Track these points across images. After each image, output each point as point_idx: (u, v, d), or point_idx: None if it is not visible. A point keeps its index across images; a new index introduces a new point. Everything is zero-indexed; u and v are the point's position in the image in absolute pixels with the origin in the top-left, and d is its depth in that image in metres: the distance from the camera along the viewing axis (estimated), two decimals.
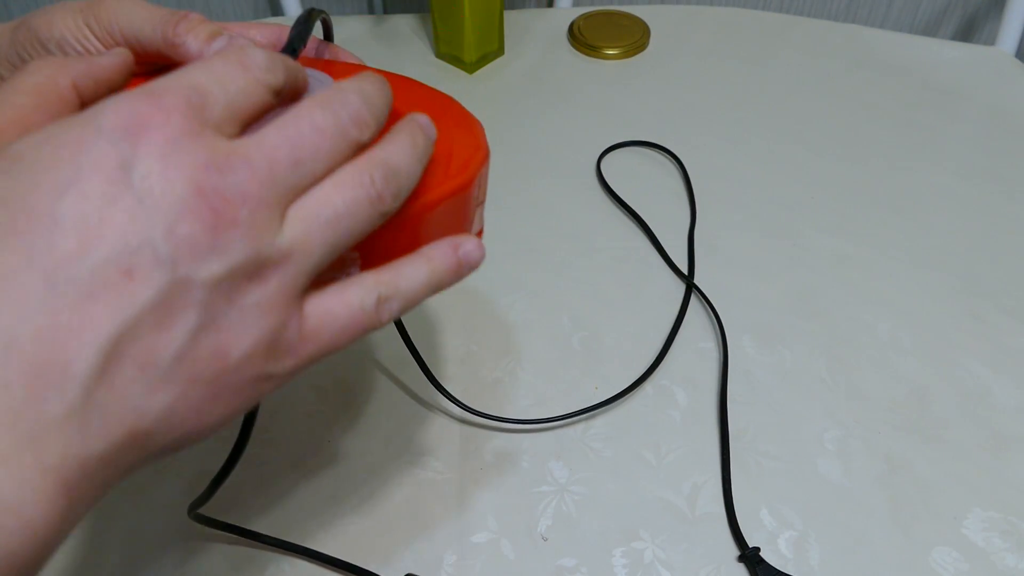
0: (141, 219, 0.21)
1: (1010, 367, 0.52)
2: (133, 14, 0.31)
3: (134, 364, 0.21)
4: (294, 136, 0.23)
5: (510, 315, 0.55)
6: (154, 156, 0.21)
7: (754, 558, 0.42)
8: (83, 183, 0.21)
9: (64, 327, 0.20)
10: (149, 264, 0.21)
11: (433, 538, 0.44)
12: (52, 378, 0.20)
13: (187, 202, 0.21)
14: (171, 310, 0.21)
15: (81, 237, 0.20)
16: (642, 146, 0.68)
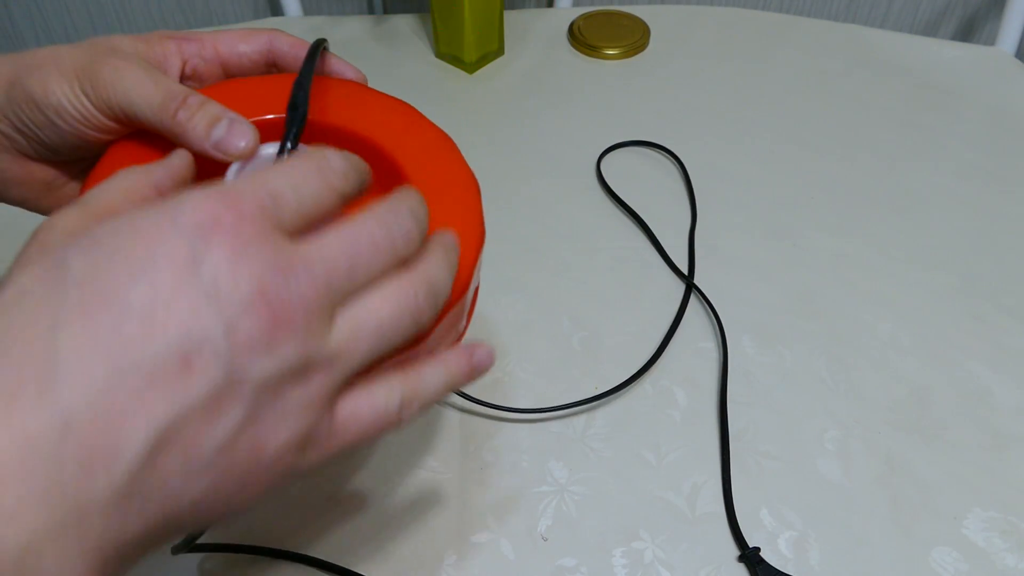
0: (205, 314, 0.22)
1: (1010, 367, 0.52)
2: (132, 92, 0.32)
3: (179, 452, 0.22)
4: (352, 248, 0.25)
5: (510, 315, 0.55)
6: (224, 256, 0.22)
7: (754, 558, 0.42)
8: (155, 273, 0.22)
9: (120, 411, 0.21)
10: (208, 358, 0.22)
11: (433, 538, 0.44)
12: (103, 460, 0.21)
13: (250, 302, 0.22)
14: (221, 403, 0.22)
15: (147, 325, 0.21)
16: (642, 146, 0.68)
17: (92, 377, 0.21)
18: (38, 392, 0.20)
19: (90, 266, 0.22)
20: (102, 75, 0.32)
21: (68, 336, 0.21)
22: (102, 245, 0.22)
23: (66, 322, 0.21)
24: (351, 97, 0.39)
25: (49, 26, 0.92)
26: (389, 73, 0.75)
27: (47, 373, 0.20)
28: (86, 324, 0.21)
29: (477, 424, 0.49)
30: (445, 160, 0.37)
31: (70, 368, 0.21)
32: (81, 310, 0.21)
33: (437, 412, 0.49)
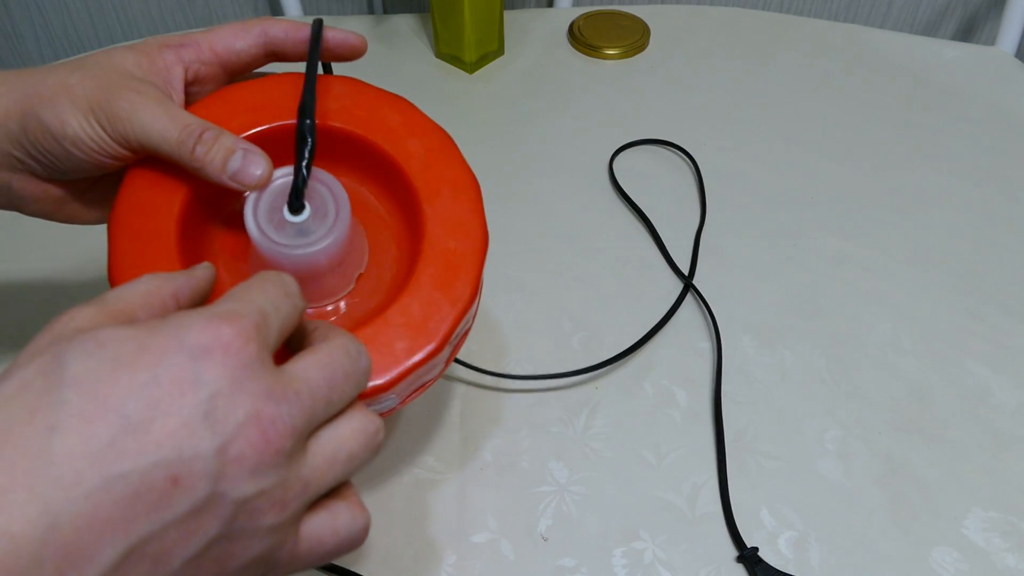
0: (200, 433, 0.23)
1: (1010, 367, 0.52)
2: (149, 128, 0.33)
3: (151, 560, 0.23)
4: (330, 378, 0.26)
5: (510, 315, 0.55)
6: (225, 379, 0.23)
7: (753, 558, 0.42)
8: (156, 388, 0.23)
9: (103, 520, 0.21)
10: (196, 476, 0.23)
11: (433, 538, 0.44)
12: (77, 563, 0.21)
13: (244, 426, 0.23)
14: (200, 519, 0.23)
15: (141, 440, 0.22)
16: (656, 145, 0.68)
17: (82, 484, 0.21)
18: (28, 492, 0.21)
19: (91, 371, 0.23)
20: (117, 109, 0.33)
21: (64, 441, 0.21)
22: (106, 350, 0.23)
23: (64, 427, 0.22)
24: (352, 97, 0.39)
25: (49, 26, 0.92)
26: (389, 73, 0.75)
27: (40, 474, 0.21)
28: (82, 431, 0.22)
29: (477, 424, 0.49)
30: (447, 163, 0.38)
31: (62, 472, 0.21)
32: (80, 416, 0.22)
33: (437, 412, 0.49)
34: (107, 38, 0.93)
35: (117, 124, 0.33)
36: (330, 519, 0.27)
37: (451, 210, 0.37)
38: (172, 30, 0.92)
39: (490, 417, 0.49)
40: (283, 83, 0.38)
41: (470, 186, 0.38)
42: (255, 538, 0.25)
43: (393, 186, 0.39)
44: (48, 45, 0.94)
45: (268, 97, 0.38)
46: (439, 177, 0.38)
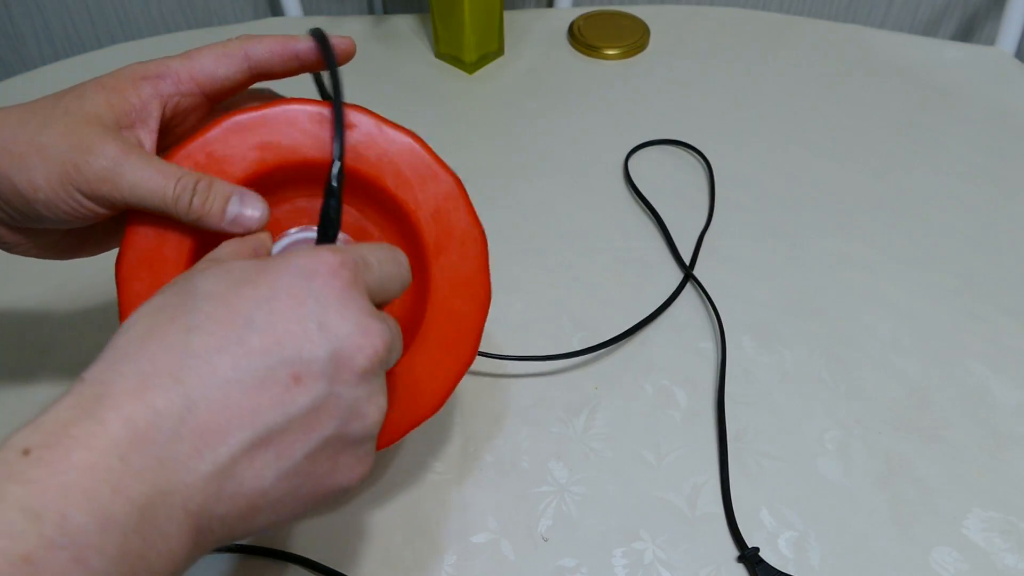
0: (315, 339, 0.26)
1: (1010, 367, 0.52)
2: (138, 187, 0.32)
3: (275, 452, 0.26)
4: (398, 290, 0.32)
5: (510, 315, 0.55)
6: (334, 296, 0.27)
7: (754, 558, 0.42)
8: (276, 302, 0.26)
9: (235, 406, 0.25)
10: (315, 375, 0.26)
11: (433, 538, 0.44)
12: (212, 443, 0.24)
13: (352, 336, 0.27)
14: (319, 416, 0.26)
15: (266, 340, 0.26)
16: (660, 144, 0.68)
17: (217, 374, 0.25)
18: (171, 378, 0.24)
19: (220, 287, 0.27)
20: (95, 171, 0.32)
21: (200, 338, 0.25)
22: (232, 272, 0.27)
23: (199, 327, 0.25)
24: (366, 133, 0.37)
25: (49, 26, 0.92)
26: (389, 73, 0.75)
27: (180, 364, 0.25)
28: (215, 331, 0.25)
29: (477, 424, 0.49)
30: (457, 214, 0.38)
31: (199, 363, 0.25)
32: (212, 320, 0.26)
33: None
34: (107, 38, 0.93)
35: (98, 187, 0.32)
36: None
37: (458, 267, 0.38)
38: (172, 30, 0.92)
39: (490, 417, 0.49)
40: (282, 121, 0.36)
41: (478, 240, 0.38)
42: (360, 436, 0.28)
43: (403, 231, 0.38)
44: (48, 45, 0.94)
45: (271, 135, 0.36)
46: (448, 231, 0.38)
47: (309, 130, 0.36)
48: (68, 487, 0.22)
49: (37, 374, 0.51)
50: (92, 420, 0.23)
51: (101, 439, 0.23)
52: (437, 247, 0.38)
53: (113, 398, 0.24)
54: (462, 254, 0.38)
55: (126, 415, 0.23)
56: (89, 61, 0.76)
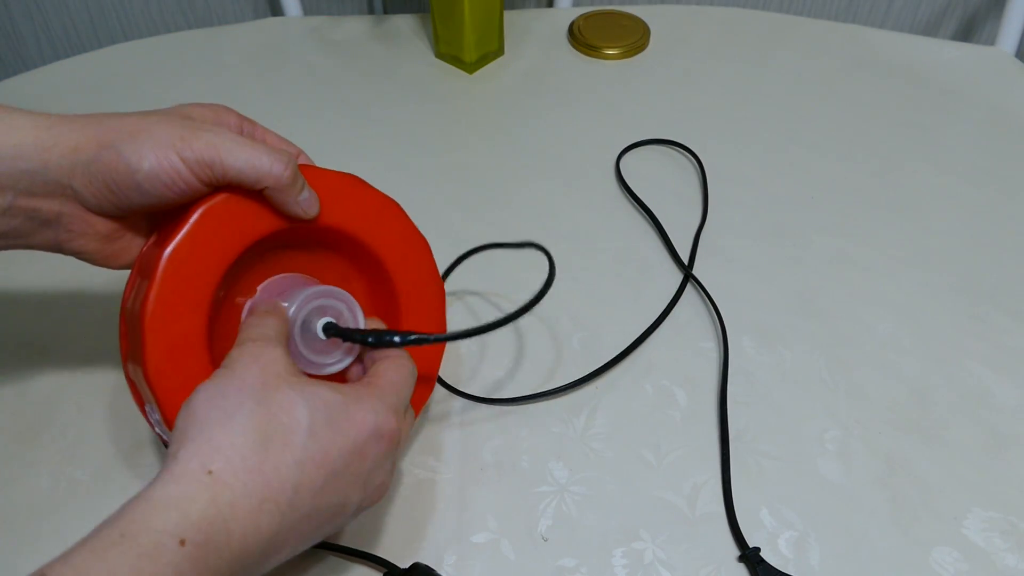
0: (358, 489, 0.36)
1: (1010, 367, 0.52)
2: (237, 152, 0.36)
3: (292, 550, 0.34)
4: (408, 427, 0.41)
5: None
6: (383, 457, 0.37)
7: (754, 558, 0.42)
8: (354, 460, 0.35)
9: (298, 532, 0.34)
10: (346, 511, 0.36)
11: (433, 538, 0.44)
12: (268, 560, 0.33)
13: (377, 487, 0.37)
14: (332, 525, 0.36)
15: (335, 488, 0.34)
16: (662, 144, 0.68)
17: (302, 509, 0.33)
18: (276, 507, 0.32)
19: (320, 426, 0.34)
20: (201, 140, 0.36)
21: (301, 477, 0.33)
22: (329, 412, 0.35)
23: (303, 466, 0.33)
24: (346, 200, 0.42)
25: (49, 26, 0.92)
26: (389, 73, 0.75)
27: (287, 499, 0.32)
28: (312, 473, 0.33)
29: (477, 424, 0.49)
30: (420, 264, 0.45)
31: (296, 499, 0.33)
32: (313, 464, 0.33)
33: (437, 412, 0.49)
34: (107, 38, 0.93)
35: (202, 153, 0.35)
36: None
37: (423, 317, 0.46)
38: (172, 31, 0.92)
39: (490, 417, 0.49)
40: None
41: (438, 286, 0.46)
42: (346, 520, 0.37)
43: (375, 283, 0.45)
44: (48, 45, 0.94)
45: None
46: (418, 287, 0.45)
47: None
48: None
49: (37, 373, 0.51)
50: (225, 531, 0.30)
51: (226, 551, 0.30)
52: (407, 300, 0.45)
53: (240, 512, 0.31)
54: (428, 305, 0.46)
55: (245, 533, 0.31)
56: (89, 61, 0.76)
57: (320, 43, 0.79)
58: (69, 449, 0.47)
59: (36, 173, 0.36)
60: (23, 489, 0.46)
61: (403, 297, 0.44)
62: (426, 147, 0.68)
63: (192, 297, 0.37)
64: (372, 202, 0.43)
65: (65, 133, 0.36)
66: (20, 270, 0.57)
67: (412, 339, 0.39)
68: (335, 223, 0.41)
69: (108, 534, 0.28)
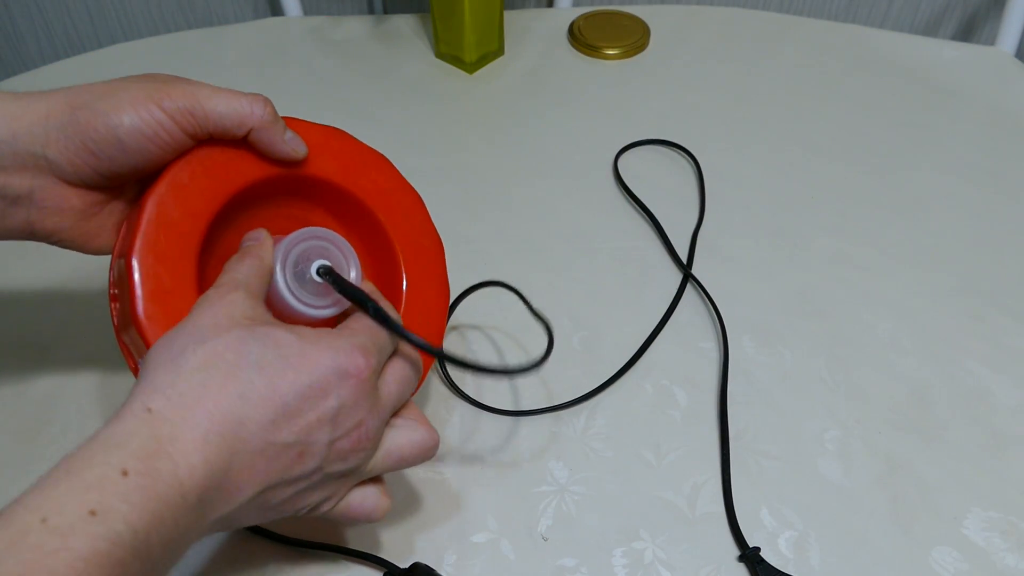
0: (325, 429, 0.33)
1: (1010, 367, 0.52)
2: (215, 98, 0.36)
3: (262, 499, 0.33)
4: (400, 393, 0.37)
5: (510, 315, 0.55)
6: (352, 397, 0.34)
7: (755, 558, 0.42)
8: (309, 391, 0.33)
9: (256, 470, 0.32)
10: (312, 455, 0.34)
11: (433, 538, 0.44)
12: (233, 494, 0.32)
13: (351, 429, 0.34)
14: (302, 482, 0.34)
15: (292, 423, 0.33)
16: (659, 144, 0.68)
17: (252, 444, 0.32)
18: (222, 439, 0.31)
19: (270, 362, 0.33)
20: (178, 89, 0.36)
21: (247, 410, 0.32)
22: (280, 349, 0.33)
23: (248, 399, 0.32)
24: (335, 150, 0.42)
25: (49, 26, 0.92)
26: (389, 73, 0.75)
27: (232, 431, 0.31)
28: (260, 406, 0.32)
29: (477, 424, 0.49)
30: (415, 217, 0.44)
31: (244, 433, 0.31)
32: (260, 397, 0.32)
33: (437, 412, 0.50)
34: (107, 38, 0.93)
35: (181, 102, 0.35)
36: (361, 496, 0.38)
37: (422, 267, 0.44)
38: (172, 30, 0.92)
39: (491, 417, 0.49)
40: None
41: (437, 245, 0.45)
42: (320, 493, 0.36)
43: (372, 244, 0.44)
44: (48, 45, 0.94)
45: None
46: (412, 235, 0.44)
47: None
48: (156, 516, 0.28)
49: (37, 373, 0.51)
50: (170, 461, 0.30)
51: (174, 479, 0.29)
52: (404, 247, 0.44)
53: (181, 444, 0.30)
54: (425, 256, 0.44)
55: (192, 463, 0.30)
56: (89, 61, 0.76)
57: (320, 43, 0.79)
58: (69, 449, 0.47)
59: (3, 144, 0.34)
60: (23, 489, 0.46)
61: (401, 254, 0.43)
62: (426, 147, 0.68)
63: (180, 243, 0.36)
64: (358, 154, 0.42)
65: (33, 102, 0.35)
66: (20, 270, 0.57)
67: (412, 338, 0.37)
68: (321, 173, 0.41)
69: (55, 474, 0.28)
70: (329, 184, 0.41)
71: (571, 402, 0.49)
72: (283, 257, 0.38)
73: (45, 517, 0.27)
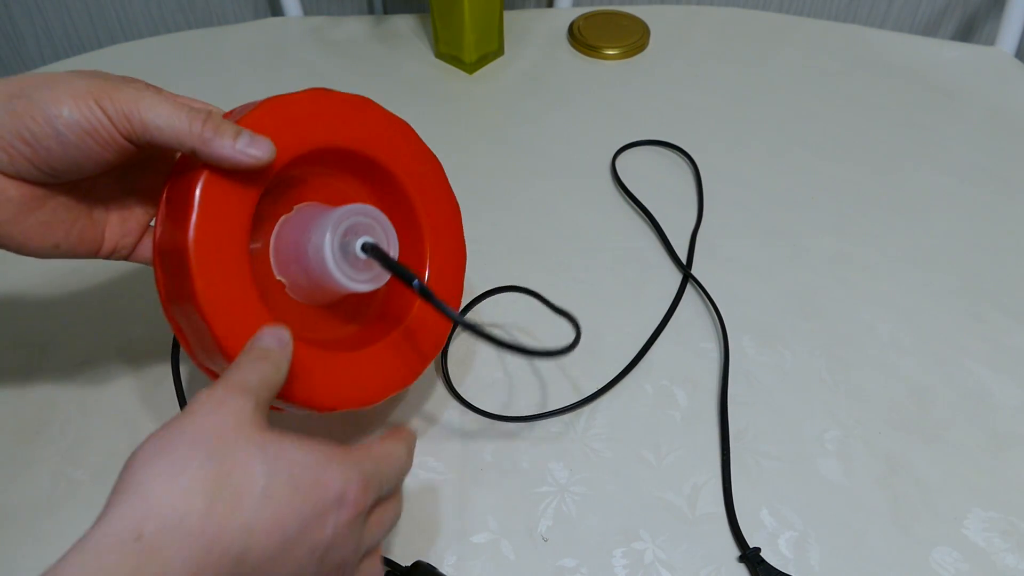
0: (313, 564, 0.31)
1: (1010, 367, 0.52)
2: (158, 107, 0.34)
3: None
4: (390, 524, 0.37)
5: (510, 315, 0.55)
6: (342, 534, 0.32)
7: (755, 558, 0.42)
8: (310, 527, 0.31)
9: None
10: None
11: (433, 538, 0.44)
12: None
13: (336, 567, 0.32)
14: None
15: (288, 557, 0.30)
16: (656, 145, 0.68)
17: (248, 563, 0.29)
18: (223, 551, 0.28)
19: (276, 488, 0.30)
20: (122, 92, 0.34)
21: (251, 543, 0.29)
22: (292, 470, 0.31)
23: (253, 533, 0.29)
24: (361, 120, 0.43)
25: (49, 26, 0.92)
26: (389, 73, 0.75)
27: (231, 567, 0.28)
28: (262, 541, 0.29)
29: (477, 425, 0.49)
30: (437, 185, 0.46)
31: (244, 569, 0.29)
32: (264, 529, 0.29)
33: (437, 412, 0.50)
34: (107, 38, 0.93)
35: (120, 103, 0.34)
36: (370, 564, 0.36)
37: (442, 233, 0.46)
38: (172, 30, 0.92)
39: (491, 417, 0.49)
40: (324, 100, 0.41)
41: (455, 210, 0.47)
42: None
43: (395, 207, 0.45)
44: (48, 45, 0.94)
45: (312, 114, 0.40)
46: (432, 201, 0.46)
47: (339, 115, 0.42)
48: None
49: (37, 373, 0.51)
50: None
51: None
52: (428, 222, 0.46)
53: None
54: (444, 222, 0.47)
55: None
56: (89, 61, 0.76)
57: (320, 43, 0.79)
58: (69, 449, 0.47)
59: None
60: (23, 489, 0.46)
61: (426, 226, 0.45)
62: None
63: (232, 224, 0.36)
64: (386, 123, 0.44)
65: None
66: (20, 270, 0.57)
67: (456, 316, 0.39)
68: (353, 144, 0.41)
69: None
70: (361, 155, 0.42)
71: (572, 406, 0.49)
72: (332, 230, 0.39)
73: None
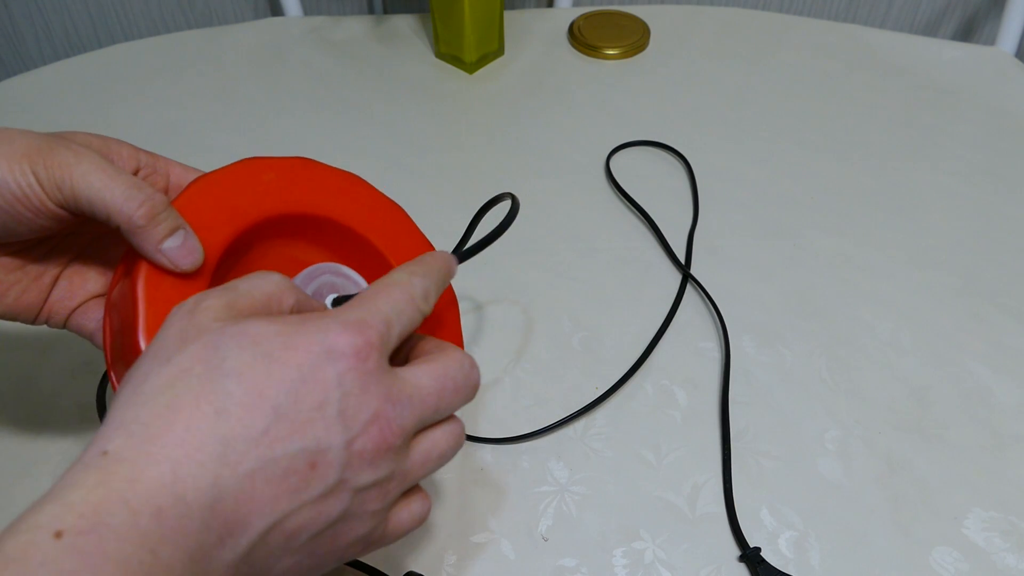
0: (335, 428, 0.27)
1: (1010, 367, 0.52)
2: (91, 177, 0.32)
3: (284, 534, 0.27)
4: (440, 389, 0.31)
5: (510, 315, 0.55)
6: (356, 382, 0.27)
7: (755, 558, 0.42)
8: (302, 387, 0.27)
9: (257, 496, 0.26)
10: (329, 464, 0.27)
11: (433, 538, 0.44)
12: (234, 533, 0.26)
13: (368, 425, 0.28)
14: (327, 502, 0.27)
15: (290, 429, 0.26)
16: (649, 146, 0.68)
17: (243, 464, 0.26)
18: (200, 467, 0.25)
19: (248, 364, 0.27)
20: (58, 157, 0.32)
21: (229, 425, 0.26)
22: (259, 346, 0.27)
23: (228, 412, 0.26)
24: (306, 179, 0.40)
25: (49, 26, 0.92)
26: (389, 73, 0.75)
27: (209, 454, 0.25)
28: (244, 418, 0.26)
29: (477, 424, 0.49)
30: (401, 228, 0.43)
31: (228, 453, 0.25)
32: (241, 407, 0.26)
33: None
34: (107, 38, 0.93)
35: (55, 170, 0.31)
36: (408, 506, 0.32)
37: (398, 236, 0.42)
38: (172, 30, 0.92)
39: (490, 417, 0.49)
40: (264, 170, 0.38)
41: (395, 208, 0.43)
42: (362, 521, 0.29)
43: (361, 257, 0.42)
44: (48, 46, 0.94)
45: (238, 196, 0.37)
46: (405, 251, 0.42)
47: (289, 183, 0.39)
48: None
49: (37, 374, 0.51)
50: (125, 508, 0.24)
51: (133, 532, 0.23)
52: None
53: (144, 484, 0.24)
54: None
55: (158, 505, 0.24)
56: (89, 61, 0.76)
57: (320, 43, 0.79)
58: (69, 449, 0.47)
59: None
60: (23, 489, 0.46)
61: (395, 262, 0.42)
62: (426, 147, 0.68)
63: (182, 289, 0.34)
64: (333, 179, 0.40)
65: None
66: None
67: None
68: (301, 209, 0.39)
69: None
70: (311, 216, 0.40)
71: (574, 415, 0.49)
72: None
73: None
